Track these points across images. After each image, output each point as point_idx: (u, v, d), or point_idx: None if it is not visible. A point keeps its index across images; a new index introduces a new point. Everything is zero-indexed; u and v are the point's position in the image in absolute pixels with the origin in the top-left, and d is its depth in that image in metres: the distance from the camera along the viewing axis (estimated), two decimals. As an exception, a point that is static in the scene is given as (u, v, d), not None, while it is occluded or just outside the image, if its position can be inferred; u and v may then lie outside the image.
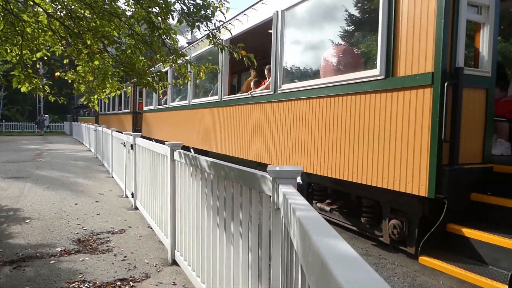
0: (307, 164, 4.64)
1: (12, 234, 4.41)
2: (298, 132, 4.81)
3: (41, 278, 3.22)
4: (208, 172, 2.65)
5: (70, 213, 5.42)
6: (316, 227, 0.93)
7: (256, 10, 5.87)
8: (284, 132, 5.10)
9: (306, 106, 4.67)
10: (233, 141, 6.53)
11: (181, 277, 3.28)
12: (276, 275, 1.70)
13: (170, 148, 3.55)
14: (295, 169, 1.65)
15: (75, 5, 3.60)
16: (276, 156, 5.29)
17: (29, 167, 10.37)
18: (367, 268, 0.63)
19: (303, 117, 4.72)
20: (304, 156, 4.71)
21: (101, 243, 4.12)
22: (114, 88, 4.37)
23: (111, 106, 19.10)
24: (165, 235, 3.93)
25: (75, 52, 3.88)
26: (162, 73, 4.21)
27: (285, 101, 5.11)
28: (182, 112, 9.26)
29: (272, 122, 5.40)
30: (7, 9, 3.34)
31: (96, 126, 13.06)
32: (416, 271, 3.65)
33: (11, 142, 21.84)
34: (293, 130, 4.92)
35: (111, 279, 3.23)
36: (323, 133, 4.37)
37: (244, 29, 6.18)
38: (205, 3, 3.19)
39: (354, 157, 3.91)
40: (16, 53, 3.80)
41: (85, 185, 7.72)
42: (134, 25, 3.66)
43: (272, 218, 1.74)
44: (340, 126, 4.11)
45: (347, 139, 4.02)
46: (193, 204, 3.05)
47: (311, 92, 4.58)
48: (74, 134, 26.43)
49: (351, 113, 3.96)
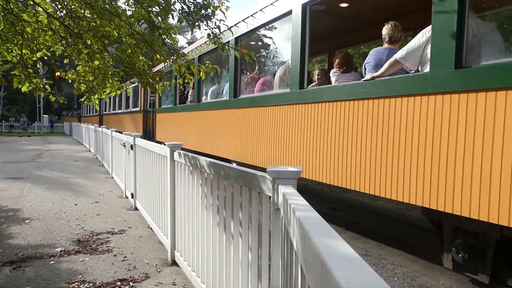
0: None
1: (12, 234, 4.41)
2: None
3: (41, 279, 3.21)
4: (208, 172, 2.64)
5: (70, 213, 5.41)
6: (316, 227, 0.93)
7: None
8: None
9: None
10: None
11: (181, 277, 3.28)
12: (276, 275, 1.70)
13: (170, 149, 3.55)
14: (295, 170, 1.65)
15: (75, 4, 3.60)
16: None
17: (29, 167, 10.37)
18: (367, 268, 0.62)
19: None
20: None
21: (101, 244, 4.12)
22: (115, 88, 4.37)
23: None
24: (165, 235, 3.93)
25: (75, 52, 3.88)
26: (163, 73, 4.21)
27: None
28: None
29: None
30: (7, 9, 3.34)
31: (96, 127, 13.05)
32: (416, 271, 3.65)
33: (10, 142, 21.85)
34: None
35: (111, 279, 3.22)
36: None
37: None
38: (205, 2, 3.19)
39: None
40: (16, 52, 3.80)
41: (85, 186, 7.72)
42: (134, 24, 3.66)
43: (272, 218, 1.74)
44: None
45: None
46: (193, 205, 3.05)
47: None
48: (74, 135, 26.44)
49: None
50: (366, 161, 3.62)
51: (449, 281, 3.45)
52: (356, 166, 3.75)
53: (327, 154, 4.15)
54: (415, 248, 4.31)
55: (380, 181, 3.46)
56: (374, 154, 3.54)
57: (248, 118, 5.79)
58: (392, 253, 4.16)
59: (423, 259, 3.97)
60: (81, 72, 4.16)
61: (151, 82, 3.96)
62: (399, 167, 3.26)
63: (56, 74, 4.21)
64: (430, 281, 3.44)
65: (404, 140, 3.23)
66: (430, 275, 3.57)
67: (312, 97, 4.39)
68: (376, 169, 3.51)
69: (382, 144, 3.46)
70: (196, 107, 8.09)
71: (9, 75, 3.81)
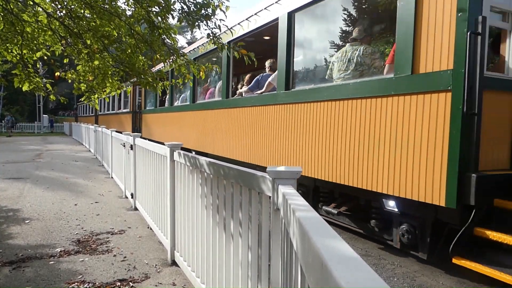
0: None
1: (11, 234, 4.41)
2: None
3: (40, 279, 3.21)
4: (208, 172, 2.64)
5: (69, 213, 5.41)
6: (315, 227, 0.93)
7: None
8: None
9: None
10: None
11: (181, 278, 3.28)
12: (275, 275, 1.70)
13: (169, 149, 3.55)
14: (294, 170, 1.65)
15: (75, 4, 3.60)
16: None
17: (28, 167, 10.37)
18: (367, 268, 0.62)
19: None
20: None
21: (101, 244, 4.12)
22: (114, 88, 4.37)
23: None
24: (165, 235, 3.92)
25: (75, 52, 3.88)
26: (163, 73, 4.21)
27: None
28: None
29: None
30: (7, 9, 3.34)
31: (95, 127, 13.06)
32: (415, 271, 3.65)
33: (10, 142, 21.84)
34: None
35: (111, 279, 3.22)
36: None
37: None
38: (205, 2, 3.19)
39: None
40: (16, 52, 3.80)
41: (85, 186, 7.72)
42: (134, 24, 3.66)
43: (272, 219, 1.74)
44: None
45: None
46: (193, 205, 3.04)
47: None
48: (74, 135, 26.45)
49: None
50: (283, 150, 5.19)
51: (449, 281, 3.45)
52: (273, 151, 5.42)
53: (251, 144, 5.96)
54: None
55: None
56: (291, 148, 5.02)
57: (201, 117, 8.11)
58: (392, 253, 4.15)
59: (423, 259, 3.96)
60: (81, 72, 4.16)
61: (151, 82, 3.96)
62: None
63: (56, 74, 4.20)
64: (430, 281, 3.44)
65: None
66: (430, 275, 3.57)
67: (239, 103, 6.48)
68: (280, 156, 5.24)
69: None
70: (169, 109, 10.47)
71: (9, 75, 3.82)
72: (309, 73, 5.26)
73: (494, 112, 3.21)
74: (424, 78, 3.21)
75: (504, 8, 3.36)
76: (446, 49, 3.05)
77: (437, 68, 3.12)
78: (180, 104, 9.78)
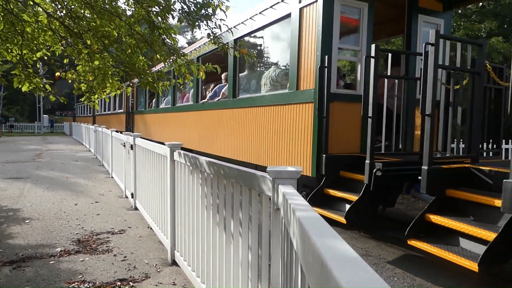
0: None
1: (12, 234, 4.41)
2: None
3: (41, 279, 3.21)
4: (208, 172, 2.64)
5: (70, 213, 5.42)
6: (316, 227, 0.93)
7: None
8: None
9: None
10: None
11: (181, 277, 3.28)
12: (276, 275, 1.70)
13: (170, 149, 3.55)
14: (295, 170, 1.65)
15: (75, 4, 3.60)
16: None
17: (28, 167, 10.37)
18: (367, 268, 0.63)
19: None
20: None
21: (101, 244, 4.12)
22: (115, 88, 4.37)
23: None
24: (165, 235, 3.93)
25: (75, 52, 3.88)
26: (163, 73, 4.21)
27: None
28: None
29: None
30: (7, 9, 3.34)
31: (95, 126, 13.07)
32: (416, 271, 3.65)
33: (10, 142, 21.85)
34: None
35: (111, 279, 3.23)
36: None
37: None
38: (205, 2, 3.19)
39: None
40: (16, 52, 3.80)
41: (85, 186, 7.72)
42: (134, 24, 3.66)
43: (272, 218, 1.74)
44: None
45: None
46: (193, 205, 3.05)
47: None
48: (74, 135, 26.46)
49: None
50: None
51: (449, 281, 3.45)
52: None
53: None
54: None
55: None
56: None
57: (181, 118, 9.75)
58: (392, 253, 4.16)
59: (423, 259, 3.97)
60: (81, 72, 4.16)
61: (151, 82, 3.96)
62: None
63: (56, 74, 4.20)
64: (430, 281, 3.45)
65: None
66: (430, 275, 3.57)
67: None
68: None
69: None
70: (155, 110, 12.30)
71: (9, 75, 3.81)
72: (249, 85, 6.93)
73: (339, 115, 4.72)
74: (302, 93, 4.91)
75: (353, 48, 5.06)
76: (312, 76, 4.73)
77: (308, 87, 4.82)
78: (164, 106, 11.47)
